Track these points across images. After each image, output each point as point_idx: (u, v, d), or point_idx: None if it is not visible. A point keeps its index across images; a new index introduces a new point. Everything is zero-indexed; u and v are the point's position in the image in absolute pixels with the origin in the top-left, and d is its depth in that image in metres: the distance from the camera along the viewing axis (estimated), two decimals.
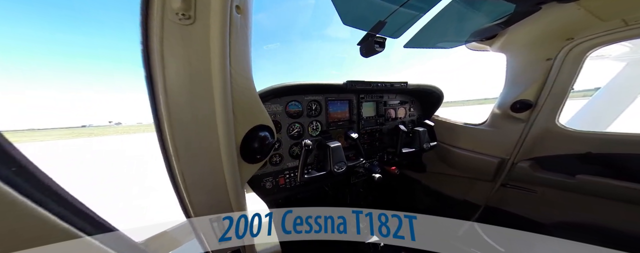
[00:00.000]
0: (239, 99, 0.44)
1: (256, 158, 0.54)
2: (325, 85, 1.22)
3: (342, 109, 1.48)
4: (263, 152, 0.54)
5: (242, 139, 0.49)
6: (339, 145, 1.16)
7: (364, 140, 1.59)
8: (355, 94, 1.52)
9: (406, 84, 1.55)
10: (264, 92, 1.03)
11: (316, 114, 1.32)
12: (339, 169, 1.13)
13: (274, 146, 0.56)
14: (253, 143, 0.51)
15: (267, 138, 0.54)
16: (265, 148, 0.53)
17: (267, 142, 0.54)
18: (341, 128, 1.46)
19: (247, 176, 0.55)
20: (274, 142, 0.56)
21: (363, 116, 1.56)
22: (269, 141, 0.55)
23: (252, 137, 0.51)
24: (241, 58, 0.43)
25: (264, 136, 0.54)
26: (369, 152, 1.62)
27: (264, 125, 0.54)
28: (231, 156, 0.44)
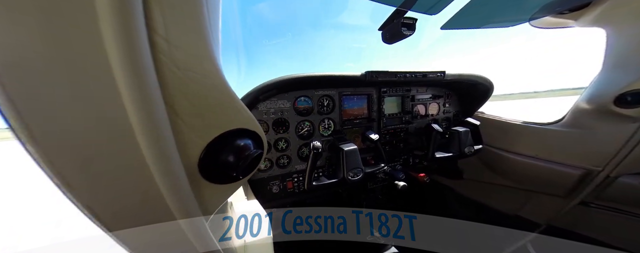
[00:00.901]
0: (190, 92, 0.27)
1: (230, 176, 0.35)
2: (339, 76, 1.04)
3: (359, 104, 1.29)
4: (242, 167, 0.35)
5: (202, 151, 0.31)
6: (355, 149, 0.98)
7: (386, 140, 1.38)
8: (375, 88, 1.30)
9: (443, 74, 1.26)
10: (267, 85, 0.90)
11: (328, 111, 1.17)
12: (354, 177, 0.95)
13: (262, 159, 0.40)
14: (224, 155, 0.33)
15: (247, 148, 0.36)
16: (245, 161, 0.35)
17: (248, 153, 0.35)
18: (358, 127, 1.28)
19: (218, 201, 0.38)
20: (260, 153, 0.37)
21: (385, 113, 1.35)
22: (251, 152, 0.36)
23: (221, 148, 0.33)
24: (189, 26, 0.25)
25: (243, 146, 0.35)
26: (391, 155, 1.41)
27: (244, 130, 0.36)
28: (175, 177, 0.27)
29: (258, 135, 0.38)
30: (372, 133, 1.10)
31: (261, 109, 0.97)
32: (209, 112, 0.31)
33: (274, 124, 1.01)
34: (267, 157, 1.01)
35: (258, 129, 0.38)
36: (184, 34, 0.26)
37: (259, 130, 0.38)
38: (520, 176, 1.40)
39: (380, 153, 1.12)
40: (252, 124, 0.37)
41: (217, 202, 0.38)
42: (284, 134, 1.04)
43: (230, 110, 0.34)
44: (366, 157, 1.31)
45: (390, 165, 1.41)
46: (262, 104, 0.97)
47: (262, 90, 0.89)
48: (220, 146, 0.33)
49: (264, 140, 0.39)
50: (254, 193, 0.97)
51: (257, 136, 0.38)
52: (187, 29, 0.26)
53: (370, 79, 1.11)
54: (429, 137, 1.30)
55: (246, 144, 0.36)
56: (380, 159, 1.13)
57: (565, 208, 1.24)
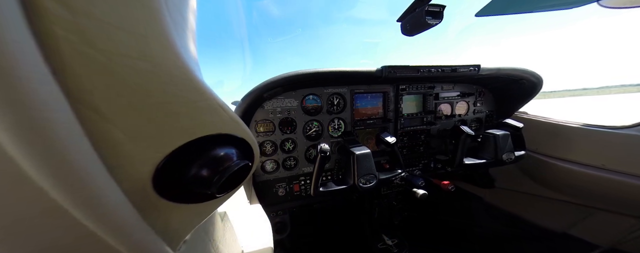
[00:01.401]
0: (128, 87, 0.19)
1: (203, 194, 0.27)
2: (351, 72, 0.94)
3: (373, 103, 1.18)
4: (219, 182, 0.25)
5: (158, 165, 0.22)
6: (368, 153, 0.87)
7: (403, 143, 1.25)
8: (392, 85, 1.18)
9: (477, 68, 1.07)
10: (271, 82, 0.83)
11: (338, 110, 1.08)
12: (366, 184, 0.85)
13: (251, 171, 0.30)
14: (194, 169, 0.25)
15: (228, 159, 0.27)
16: (223, 175, 0.25)
17: (228, 165, 0.26)
18: (371, 128, 1.17)
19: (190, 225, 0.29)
20: (245, 164, 0.28)
21: (403, 113, 1.22)
22: (233, 163, 0.26)
23: (189, 159, 0.24)
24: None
25: (222, 156, 0.26)
26: (409, 159, 1.28)
27: (225, 136, 0.27)
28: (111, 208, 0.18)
29: (246, 143, 0.30)
30: (388, 136, 0.98)
31: (267, 108, 0.92)
32: (166, 114, 0.21)
33: (280, 123, 0.96)
34: (274, 159, 0.97)
35: (245, 135, 0.30)
36: (119, 8, 0.17)
37: (246, 135, 0.30)
38: (576, 189, 1.16)
39: (397, 158, 1.00)
40: (235, 128, 0.28)
41: (188, 225, 0.29)
42: (290, 135, 0.98)
43: (202, 111, 0.24)
44: (380, 160, 1.20)
45: (408, 170, 1.28)
46: (268, 102, 0.92)
47: (267, 87, 0.82)
48: (188, 157, 0.25)
49: (254, 149, 0.31)
50: (259, 195, 0.94)
51: (244, 144, 0.30)
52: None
53: (387, 74, 0.99)
54: (455, 141, 1.14)
55: (227, 154, 0.27)
56: (397, 164, 1.01)
57: (637, 231, 0.99)
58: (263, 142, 0.94)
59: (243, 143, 0.30)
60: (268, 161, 0.96)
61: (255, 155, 0.32)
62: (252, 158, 0.31)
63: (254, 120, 0.91)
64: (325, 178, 1.07)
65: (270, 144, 0.95)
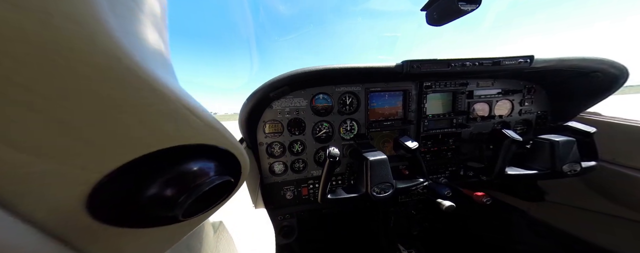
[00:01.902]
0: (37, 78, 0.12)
1: (168, 218, 0.22)
2: (365, 68, 0.85)
3: (391, 103, 1.06)
4: (185, 203, 0.20)
5: (94, 186, 0.17)
6: (383, 159, 0.77)
7: (427, 148, 1.11)
8: (414, 82, 1.04)
9: (530, 60, 0.86)
10: (277, 81, 0.77)
11: (351, 111, 1.00)
12: (381, 193, 0.75)
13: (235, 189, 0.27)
14: (154, 188, 0.20)
15: (202, 175, 0.22)
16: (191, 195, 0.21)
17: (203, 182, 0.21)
18: (389, 130, 1.07)
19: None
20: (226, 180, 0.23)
21: (427, 113, 1.07)
22: (207, 180, 0.22)
23: (147, 175, 0.20)
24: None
25: (193, 172, 0.21)
26: (433, 165, 1.14)
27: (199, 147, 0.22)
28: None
29: (232, 153, 0.25)
30: (409, 140, 0.86)
31: (276, 108, 0.90)
32: (104, 123, 0.16)
33: (289, 124, 0.93)
34: (282, 161, 0.94)
35: (228, 144, 0.24)
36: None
37: (230, 145, 0.24)
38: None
39: (419, 166, 0.86)
40: (212, 137, 0.22)
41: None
42: (299, 136, 0.95)
43: (163, 118, 0.18)
44: (398, 166, 1.10)
45: (432, 177, 1.15)
46: (277, 102, 0.90)
47: (272, 86, 0.77)
48: (145, 174, 0.20)
49: (241, 161, 0.26)
50: (266, 198, 0.93)
51: (229, 156, 0.25)
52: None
53: (410, 70, 0.86)
54: (495, 146, 0.96)
55: (201, 169, 0.22)
56: (419, 172, 0.89)
57: None
58: (271, 143, 0.92)
59: (227, 155, 0.25)
60: (276, 163, 0.94)
61: (243, 168, 0.27)
62: (238, 172, 0.27)
63: (262, 121, 0.89)
64: (335, 182, 1.02)
65: (278, 146, 0.93)
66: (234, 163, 0.26)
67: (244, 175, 0.28)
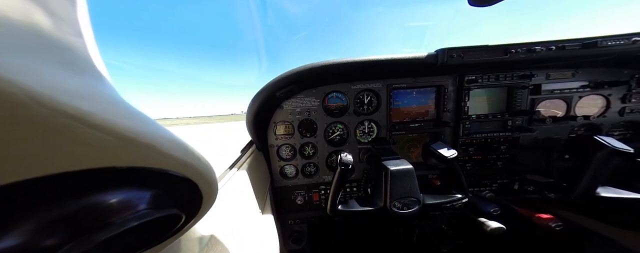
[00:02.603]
0: None
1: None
2: (388, 61, 0.71)
3: (420, 101, 0.89)
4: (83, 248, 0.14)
5: None
6: (408, 170, 0.63)
7: (468, 155, 0.91)
8: (452, 76, 0.84)
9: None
10: (283, 79, 0.69)
11: (369, 111, 0.88)
12: (403, 209, 0.62)
13: (182, 229, 0.22)
14: (26, 229, 0.12)
15: (121, 209, 0.16)
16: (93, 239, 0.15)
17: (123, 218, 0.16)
18: (417, 132, 0.91)
19: None
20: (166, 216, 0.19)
21: (468, 113, 0.87)
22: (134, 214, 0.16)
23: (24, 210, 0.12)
24: None
25: (100, 206, 0.15)
26: (474, 175, 0.94)
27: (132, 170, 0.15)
28: None
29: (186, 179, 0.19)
30: (443, 148, 0.69)
31: (286, 108, 0.85)
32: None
33: (299, 125, 0.87)
34: (293, 164, 0.90)
35: (177, 165, 0.17)
36: None
37: (180, 166, 0.17)
38: None
39: (457, 179, 0.69)
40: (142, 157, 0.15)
41: None
42: (310, 138, 0.88)
43: (61, 135, 0.12)
44: (428, 175, 0.94)
45: (473, 190, 0.94)
46: (288, 102, 0.85)
47: (277, 85, 0.70)
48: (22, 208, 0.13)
49: (201, 186, 0.20)
50: (277, 202, 0.90)
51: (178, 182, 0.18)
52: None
53: (447, 61, 0.70)
54: (576, 157, 0.71)
55: (122, 202, 0.16)
56: (457, 187, 0.70)
57: None
58: (281, 145, 0.88)
59: (185, 183, 0.19)
60: (287, 165, 0.90)
61: (205, 195, 0.21)
62: (198, 202, 0.20)
63: (272, 122, 0.86)
64: (350, 190, 0.93)
65: (289, 148, 0.89)
66: (192, 190, 0.20)
67: (207, 204, 0.22)
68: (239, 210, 0.54)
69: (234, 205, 0.51)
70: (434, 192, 0.71)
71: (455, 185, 0.71)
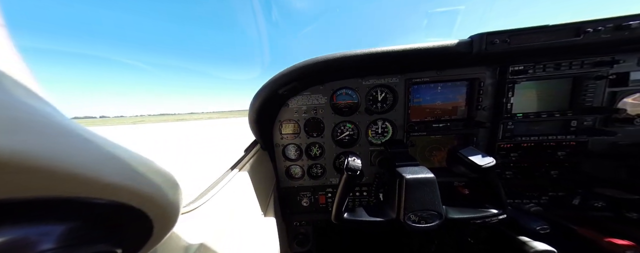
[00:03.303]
0: None
1: None
2: (406, 51, 0.60)
3: (446, 97, 0.75)
4: None
5: None
6: (428, 179, 0.53)
7: (512, 162, 0.75)
8: (491, 67, 0.68)
9: None
10: (283, 75, 0.62)
11: (384, 109, 0.78)
12: (420, 222, 0.53)
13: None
14: None
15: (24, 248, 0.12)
16: None
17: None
18: (441, 133, 0.78)
19: None
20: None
21: (512, 112, 0.70)
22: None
23: None
24: None
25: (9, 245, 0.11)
26: (515, 184, 0.78)
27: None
28: None
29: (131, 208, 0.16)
30: (477, 155, 0.56)
31: (292, 106, 0.80)
32: None
33: (305, 125, 0.82)
34: (298, 164, 0.87)
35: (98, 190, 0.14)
36: None
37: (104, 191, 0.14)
38: None
39: (495, 191, 0.57)
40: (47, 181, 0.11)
41: None
42: (317, 138, 0.83)
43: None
44: (453, 182, 0.82)
45: (514, 203, 0.79)
46: (294, 100, 0.80)
47: (277, 82, 0.64)
48: None
49: (151, 215, 0.18)
50: (281, 202, 0.88)
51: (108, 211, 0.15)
52: None
53: (487, 49, 0.56)
54: None
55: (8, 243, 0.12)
56: (494, 201, 0.57)
57: None
58: (288, 145, 0.85)
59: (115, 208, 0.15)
60: (293, 166, 0.87)
61: (156, 223, 0.18)
62: (144, 231, 0.18)
63: (278, 120, 0.83)
64: (360, 194, 0.87)
65: (295, 148, 0.86)
66: (140, 219, 0.17)
67: (161, 232, 0.19)
68: (239, 212, 0.53)
69: (233, 207, 0.50)
70: (460, 203, 0.59)
71: (491, 199, 0.58)
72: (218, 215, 0.44)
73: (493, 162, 0.54)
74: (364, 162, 0.83)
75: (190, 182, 3.72)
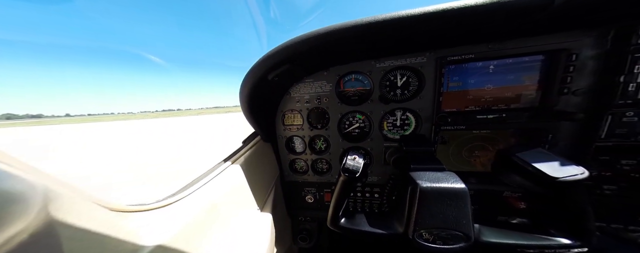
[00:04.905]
0: None
1: None
2: (439, 13, 0.38)
3: (503, 79, 0.51)
4: None
5: None
6: (457, 191, 0.40)
7: (617, 170, 0.51)
8: (596, 30, 0.39)
9: None
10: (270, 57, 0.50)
11: (404, 97, 0.61)
12: (437, 242, 0.41)
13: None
14: None
15: None
16: None
17: None
18: (492, 128, 0.57)
19: None
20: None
21: (637, 96, 0.42)
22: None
23: None
24: None
25: None
26: (621, 205, 0.53)
27: None
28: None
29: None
30: (550, 161, 0.39)
31: (294, 95, 0.71)
32: None
33: (309, 115, 0.73)
34: (302, 158, 0.80)
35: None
36: None
37: None
38: None
39: (581, 216, 0.39)
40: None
41: None
42: (321, 131, 0.73)
43: None
44: (505, 192, 0.62)
45: (608, 226, 0.56)
46: (295, 88, 0.70)
47: (267, 65, 0.51)
48: None
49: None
50: (286, 196, 0.84)
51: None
52: None
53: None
54: None
55: None
56: (573, 228, 0.40)
57: None
58: (291, 137, 0.78)
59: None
60: (298, 159, 0.81)
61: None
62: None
63: (280, 111, 0.75)
64: (370, 195, 0.75)
65: (299, 140, 0.78)
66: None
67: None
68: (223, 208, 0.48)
69: (217, 202, 0.47)
70: (507, 225, 0.45)
71: (563, 220, 0.42)
72: (194, 212, 0.41)
73: (584, 173, 0.36)
74: (377, 160, 0.72)
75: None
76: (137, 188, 3.61)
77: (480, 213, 0.65)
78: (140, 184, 3.77)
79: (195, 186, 0.45)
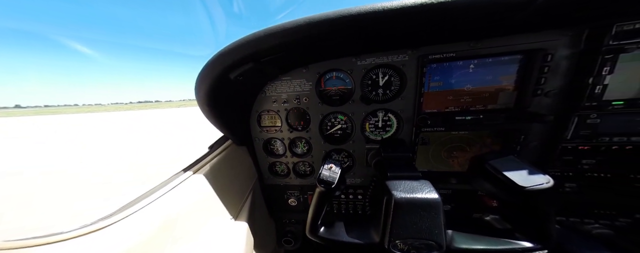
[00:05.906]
0: None
1: None
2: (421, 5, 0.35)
3: (482, 79, 0.51)
4: None
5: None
6: (430, 202, 0.40)
7: (580, 170, 0.54)
8: (573, 30, 0.40)
9: None
10: (227, 52, 0.43)
11: (387, 97, 0.59)
12: (412, 252, 0.41)
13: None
14: None
15: None
16: None
17: None
18: (470, 129, 0.57)
19: None
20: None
21: (602, 97, 0.44)
22: None
23: None
24: None
25: None
26: (583, 202, 0.56)
27: None
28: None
29: None
30: (519, 170, 0.40)
31: (270, 94, 0.66)
32: None
33: (287, 116, 0.68)
34: (283, 161, 0.76)
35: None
36: None
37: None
38: None
39: (544, 221, 0.41)
40: None
41: None
42: (302, 133, 0.69)
43: None
44: (479, 191, 0.64)
45: (572, 220, 0.59)
46: (270, 86, 0.64)
47: (225, 61, 0.44)
48: None
49: None
50: (266, 200, 0.81)
51: None
52: None
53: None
54: None
55: None
56: (539, 234, 0.42)
57: None
58: (269, 139, 0.74)
59: None
60: (278, 163, 0.77)
61: None
62: None
63: (255, 111, 0.69)
64: (354, 197, 0.73)
65: (278, 143, 0.74)
66: None
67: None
68: (181, 222, 0.44)
69: (173, 218, 0.42)
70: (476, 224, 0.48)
71: (527, 225, 0.44)
72: (138, 234, 0.36)
73: (549, 182, 0.37)
74: (360, 162, 0.69)
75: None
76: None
77: (457, 211, 0.67)
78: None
79: (140, 204, 0.39)
